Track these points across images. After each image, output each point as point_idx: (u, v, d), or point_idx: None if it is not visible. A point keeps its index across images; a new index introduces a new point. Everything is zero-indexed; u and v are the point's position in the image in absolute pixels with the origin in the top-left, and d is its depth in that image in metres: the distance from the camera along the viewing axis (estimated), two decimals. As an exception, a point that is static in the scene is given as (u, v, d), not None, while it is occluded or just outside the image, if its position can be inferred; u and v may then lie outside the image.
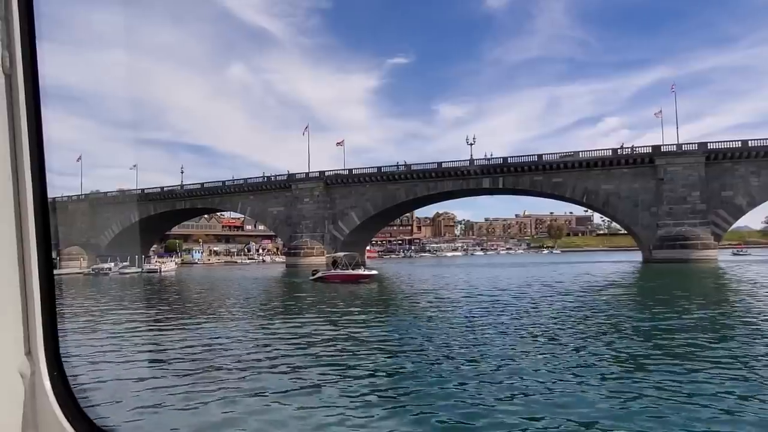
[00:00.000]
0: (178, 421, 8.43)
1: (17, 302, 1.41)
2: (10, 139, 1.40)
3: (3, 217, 1.38)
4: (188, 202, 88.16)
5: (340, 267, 42.82)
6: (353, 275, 41.38)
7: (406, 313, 21.77)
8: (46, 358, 1.46)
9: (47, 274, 1.48)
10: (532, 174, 69.77)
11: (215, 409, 8.81)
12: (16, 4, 1.42)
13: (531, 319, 18.60)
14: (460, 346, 13.79)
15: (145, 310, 25.52)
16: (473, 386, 9.84)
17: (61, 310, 25.15)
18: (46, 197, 1.47)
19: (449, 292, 31.48)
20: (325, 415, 8.43)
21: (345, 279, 40.31)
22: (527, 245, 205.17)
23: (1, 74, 1.39)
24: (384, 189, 76.67)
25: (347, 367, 11.58)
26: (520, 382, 10.13)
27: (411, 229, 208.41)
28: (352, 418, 8.14)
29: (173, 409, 8.92)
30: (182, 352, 13.93)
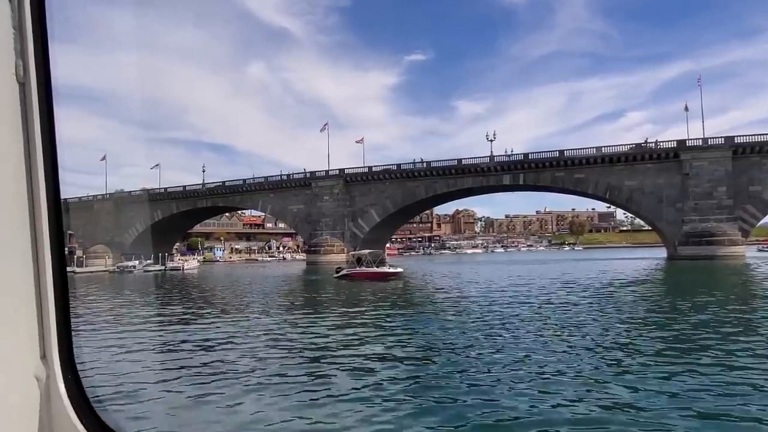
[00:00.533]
0: (195, 424, 8.38)
1: (32, 306, 1.42)
2: (24, 144, 1.44)
3: (17, 221, 1.40)
4: (210, 200, 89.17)
5: (365, 264, 41.80)
6: (379, 273, 40.57)
7: (436, 311, 21.31)
8: (61, 362, 1.46)
9: (61, 277, 1.49)
10: (554, 170, 68.98)
11: (234, 411, 8.73)
12: (29, 12, 1.44)
13: (558, 319, 18.21)
14: (492, 346, 13.41)
15: (167, 308, 25.54)
16: (506, 385, 9.63)
17: (87, 307, 25.67)
18: (60, 200, 1.51)
19: (476, 290, 30.84)
20: (351, 415, 8.39)
21: (370, 277, 39.50)
22: (548, 242, 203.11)
23: (15, 82, 1.42)
24: (403, 186, 76.56)
25: (374, 368, 11.34)
26: (550, 380, 9.97)
27: (431, 227, 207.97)
28: (380, 421, 8.05)
29: (190, 411, 8.86)
30: (202, 352, 13.93)
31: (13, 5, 1.40)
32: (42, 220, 1.44)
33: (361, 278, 39.09)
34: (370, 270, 40.72)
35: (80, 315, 23.05)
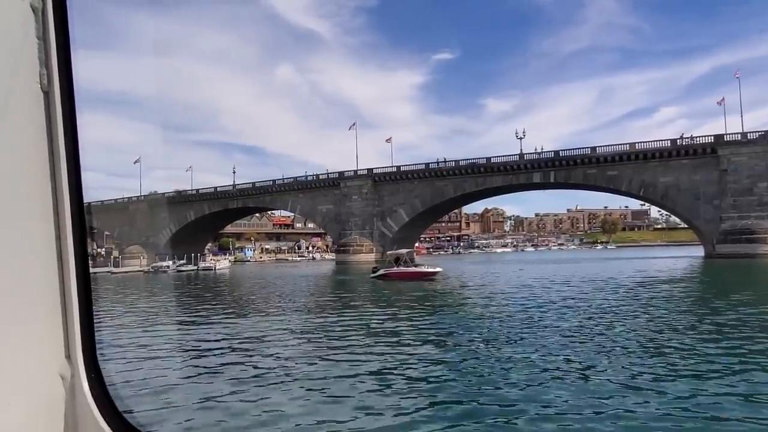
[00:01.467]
0: (224, 423, 8.34)
1: (57, 306, 1.47)
2: (48, 151, 1.48)
3: (43, 225, 1.45)
4: (240, 201, 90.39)
5: (403, 264, 40.59)
6: (418, 272, 39.29)
7: (478, 313, 20.56)
8: (84, 361, 1.50)
9: (84, 278, 1.53)
10: (586, 167, 67.72)
11: (262, 410, 8.68)
12: (52, 23, 1.47)
13: (602, 321, 17.55)
14: (540, 350, 12.88)
15: (200, 307, 25.76)
16: (561, 392, 9.38)
17: (123, 306, 26.29)
18: (83, 205, 1.55)
19: (516, 291, 29.89)
20: (384, 419, 8.33)
21: (409, 276, 38.20)
22: (580, 241, 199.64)
23: (40, 90, 1.48)
24: (432, 185, 76.26)
25: (418, 373, 10.98)
26: (602, 386, 9.72)
27: (459, 225, 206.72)
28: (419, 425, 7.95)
29: (216, 410, 8.79)
30: (232, 352, 14.02)
31: (37, 16, 1.43)
32: (66, 224, 1.48)
33: (398, 278, 37.97)
34: (409, 270, 39.45)
35: (114, 313, 23.61)
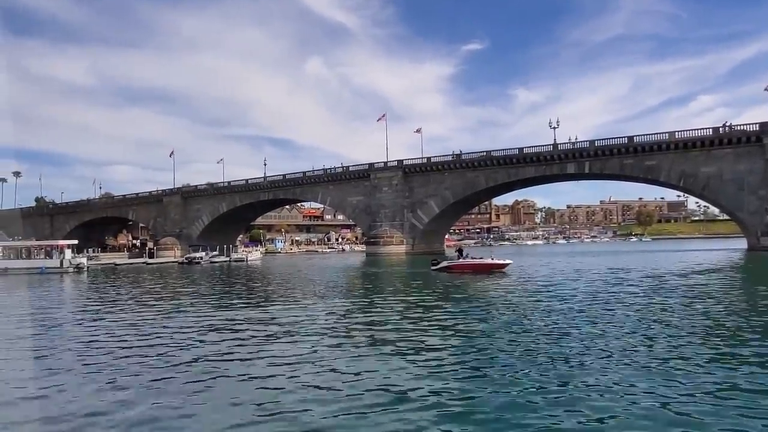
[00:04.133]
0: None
1: None
2: None
3: None
4: (271, 193, 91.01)
5: (464, 256, 38.22)
6: (486, 264, 36.86)
7: (547, 309, 18.51)
8: None
9: None
10: (622, 157, 65.83)
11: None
12: None
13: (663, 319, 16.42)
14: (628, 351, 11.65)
15: (244, 300, 25.49)
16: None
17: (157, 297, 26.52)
18: None
19: (577, 282, 28.30)
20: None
21: (476, 269, 35.98)
22: (613, 233, 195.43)
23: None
24: (463, 176, 75.36)
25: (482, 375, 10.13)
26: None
27: (489, 217, 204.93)
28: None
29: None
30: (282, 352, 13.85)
31: None
32: None
33: (463, 270, 35.89)
34: (475, 261, 37.19)
35: (146, 302, 23.92)
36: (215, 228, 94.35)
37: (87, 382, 10.04)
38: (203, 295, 27.99)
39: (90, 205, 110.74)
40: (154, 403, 8.55)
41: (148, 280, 41.41)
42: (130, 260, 79.22)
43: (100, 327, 17.36)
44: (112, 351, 13.04)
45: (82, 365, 11.52)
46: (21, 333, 16.45)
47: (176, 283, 37.49)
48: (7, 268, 53.74)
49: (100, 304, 24.85)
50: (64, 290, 35.91)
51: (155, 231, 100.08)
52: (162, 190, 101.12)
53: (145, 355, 12.39)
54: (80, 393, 9.32)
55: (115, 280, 42.84)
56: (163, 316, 19.45)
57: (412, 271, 41.88)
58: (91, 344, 14.11)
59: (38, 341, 14.89)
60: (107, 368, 11.15)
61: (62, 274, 50.50)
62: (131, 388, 9.51)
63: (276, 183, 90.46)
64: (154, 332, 15.85)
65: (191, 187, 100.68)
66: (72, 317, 20.36)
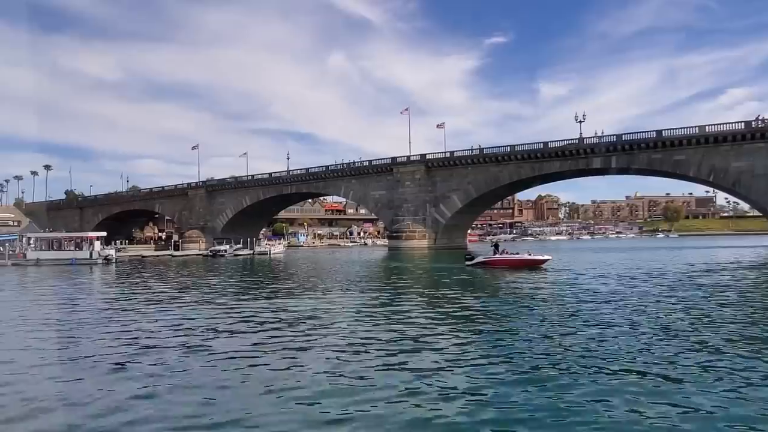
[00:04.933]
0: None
1: None
2: None
3: None
4: (294, 186, 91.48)
5: (500, 251, 36.97)
6: (525, 260, 35.53)
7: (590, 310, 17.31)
8: None
9: None
10: (650, 152, 64.47)
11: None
12: None
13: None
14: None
15: (275, 294, 25.48)
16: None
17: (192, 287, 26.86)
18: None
19: (627, 283, 26.22)
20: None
21: (514, 264, 34.80)
22: (639, 229, 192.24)
23: None
24: (486, 171, 74.71)
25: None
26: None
27: (512, 212, 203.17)
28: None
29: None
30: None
31: None
32: None
33: (500, 266, 34.73)
34: (514, 257, 36.00)
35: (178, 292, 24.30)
36: (239, 221, 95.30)
37: (117, 371, 10.23)
38: (230, 287, 28.32)
39: (118, 198, 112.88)
40: (181, 392, 8.68)
41: (174, 272, 42.08)
42: (156, 252, 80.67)
43: (131, 317, 17.70)
44: (144, 340, 13.29)
45: (114, 354, 11.74)
46: (55, 322, 16.87)
47: (202, 275, 37.98)
48: (39, 259, 55.16)
49: (129, 295, 25.34)
50: (95, 281, 36.69)
51: (180, 224, 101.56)
52: (187, 184, 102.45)
53: (175, 345, 12.58)
54: (110, 381, 9.50)
55: (143, 271, 43.63)
56: (191, 307, 19.76)
57: (446, 266, 40.35)
58: (122, 333, 14.38)
59: (72, 330, 15.24)
60: (137, 357, 11.37)
61: (91, 266, 51.61)
62: (160, 375, 9.67)
63: (299, 177, 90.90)
64: (184, 322, 16.14)
65: (215, 181, 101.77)
66: (103, 307, 20.79)
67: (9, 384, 9.48)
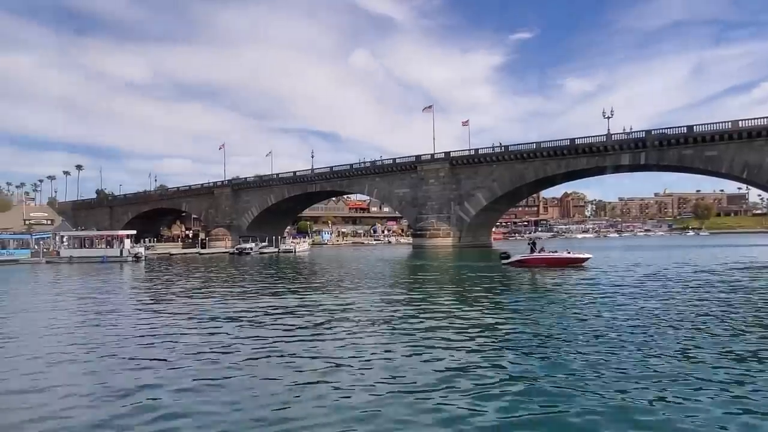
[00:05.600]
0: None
1: None
2: None
3: None
4: (318, 185, 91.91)
5: (537, 249, 35.90)
6: (564, 259, 34.54)
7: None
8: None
9: None
10: (681, 147, 62.99)
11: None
12: None
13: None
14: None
15: (318, 291, 25.01)
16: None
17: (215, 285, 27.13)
18: None
19: (674, 282, 25.10)
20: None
21: (553, 263, 33.79)
22: (669, 226, 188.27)
23: None
24: (511, 168, 73.97)
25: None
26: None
27: (537, 210, 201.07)
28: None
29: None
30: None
31: None
32: None
33: (539, 265, 33.64)
34: (553, 255, 34.99)
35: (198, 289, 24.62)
36: (264, 219, 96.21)
37: (154, 366, 10.39)
38: (260, 284, 28.56)
39: (146, 196, 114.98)
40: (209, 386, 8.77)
41: (202, 270, 42.66)
42: (184, 250, 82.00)
43: (163, 313, 17.97)
44: (178, 335, 13.49)
45: (149, 349, 11.95)
46: (91, 316, 17.25)
47: (231, 273, 38.43)
48: (72, 256, 56.55)
49: (160, 291, 25.76)
50: (127, 278, 37.44)
51: (207, 222, 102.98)
52: (213, 183, 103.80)
53: (207, 342, 12.73)
54: (142, 375, 9.65)
55: (172, 269, 44.35)
56: (222, 304, 20.02)
57: (477, 264, 39.44)
58: (157, 329, 14.62)
59: (106, 325, 15.56)
60: (173, 352, 11.54)
61: (122, 263, 52.71)
62: (195, 370, 9.79)
63: (323, 175, 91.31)
64: (217, 318, 16.35)
65: (241, 180, 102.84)
66: (135, 303, 21.20)
67: (44, 376, 9.73)
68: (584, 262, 34.62)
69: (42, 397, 8.59)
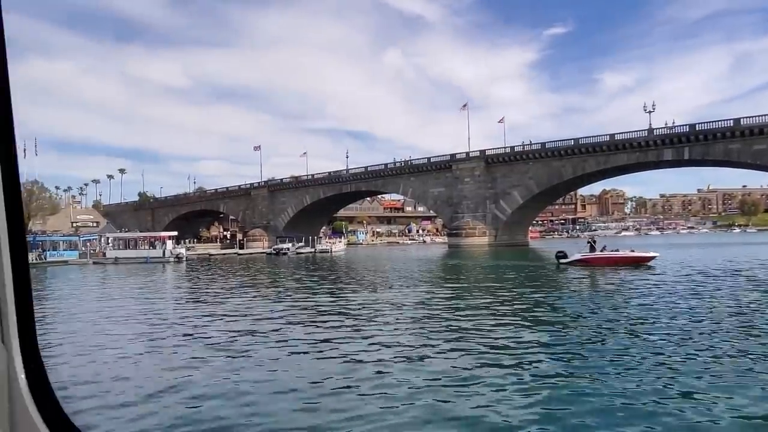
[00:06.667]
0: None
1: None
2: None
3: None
4: (353, 185, 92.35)
5: (599, 248, 34.54)
6: (630, 258, 33.27)
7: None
8: (21, 349, 1.41)
9: (20, 262, 1.41)
10: (727, 141, 60.75)
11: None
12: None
13: None
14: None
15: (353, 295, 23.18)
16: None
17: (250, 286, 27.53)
18: (18, 183, 1.39)
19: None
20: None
21: (617, 262, 32.47)
22: (713, 224, 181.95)
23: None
24: (548, 165, 72.75)
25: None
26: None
27: (574, 208, 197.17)
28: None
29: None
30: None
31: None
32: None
33: (601, 264, 32.34)
34: (617, 254, 33.81)
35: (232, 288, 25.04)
36: (300, 220, 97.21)
37: (204, 362, 10.62)
38: (303, 283, 28.91)
39: (186, 198, 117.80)
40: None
41: (242, 270, 43.40)
42: (222, 251, 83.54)
43: (211, 311, 18.37)
44: (227, 332, 13.77)
45: (202, 345, 12.23)
46: (144, 314, 17.77)
47: (271, 272, 39.00)
48: (117, 257, 58.37)
49: (207, 290, 26.37)
50: (171, 278, 38.44)
51: (244, 223, 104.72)
52: (250, 184, 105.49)
53: (254, 341, 12.94)
54: (195, 370, 9.87)
55: (213, 269, 45.29)
56: (269, 302, 20.38)
57: (527, 264, 37.89)
58: (208, 326, 14.95)
59: (158, 322, 15.99)
60: (223, 349, 11.77)
61: (164, 264, 54.11)
62: (247, 370, 9.97)
63: (358, 175, 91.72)
64: (264, 317, 16.63)
65: (277, 181, 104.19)
66: (182, 301, 21.74)
67: (108, 369, 10.07)
68: (650, 261, 33.13)
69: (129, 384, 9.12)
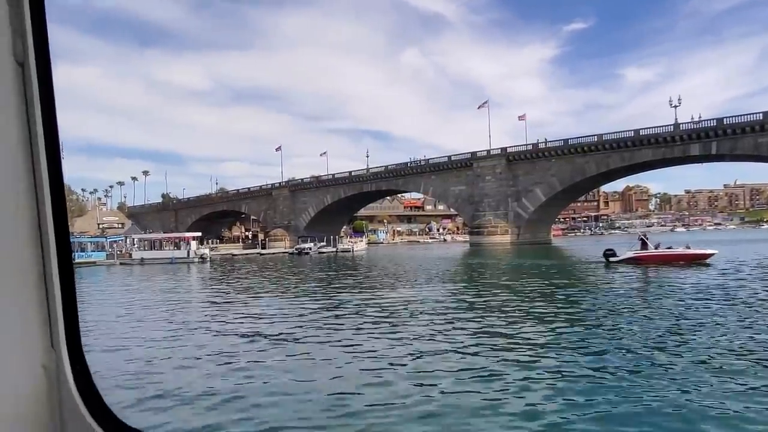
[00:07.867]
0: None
1: (39, 295, 1.39)
2: (25, 127, 1.36)
3: (21, 208, 1.36)
4: (374, 184, 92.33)
5: (651, 246, 33.56)
6: (687, 255, 32.15)
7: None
8: (69, 351, 1.45)
9: (66, 266, 1.44)
10: (756, 135, 59.21)
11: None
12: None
13: None
14: None
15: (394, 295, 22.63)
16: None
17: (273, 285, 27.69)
18: (63, 186, 1.44)
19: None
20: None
21: (673, 260, 31.54)
22: (740, 219, 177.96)
23: (14, 62, 1.31)
24: (571, 162, 71.80)
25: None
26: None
27: (597, 205, 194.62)
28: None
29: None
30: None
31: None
32: (46, 207, 1.37)
33: (655, 262, 31.54)
34: (672, 251, 32.79)
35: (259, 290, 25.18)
36: (320, 219, 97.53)
37: (234, 362, 10.68)
38: (328, 282, 29.01)
39: (208, 199, 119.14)
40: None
41: (265, 270, 43.69)
42: (245, 251, 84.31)
43: (239, 310, 18.52)
44: (252, 331, 13.85)
45: (229, 345, 12.31)
46: (176, 316, 18.00)
47: (295, 272, 39.21)
48: (143, 258, 59.29)
49: (233, 290, 26.61)
50: (197, 278, 38.90)
51: (265, 223, 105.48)
52: (271, 184, 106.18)
53: (285, 339, 12.99)
54: (221, 369, 9.92)
55: (237, 269, 45.69)
56: (300, 301, 20.54)
57: (569, 262, 36.28)
58: (234, 325, 15.07)
59: (189, 321, 16.18)
60: (251, 348, 11.84)
61: (189, 264, 54.77)
62: (277, 369, 9.99)
63: (378, 174, 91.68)
64: (299, 314, 16.82)
65: (298, 181, 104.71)
66: (210, 300, 21.95)
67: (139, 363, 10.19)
68: (708, 258, 32.07)
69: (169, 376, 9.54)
